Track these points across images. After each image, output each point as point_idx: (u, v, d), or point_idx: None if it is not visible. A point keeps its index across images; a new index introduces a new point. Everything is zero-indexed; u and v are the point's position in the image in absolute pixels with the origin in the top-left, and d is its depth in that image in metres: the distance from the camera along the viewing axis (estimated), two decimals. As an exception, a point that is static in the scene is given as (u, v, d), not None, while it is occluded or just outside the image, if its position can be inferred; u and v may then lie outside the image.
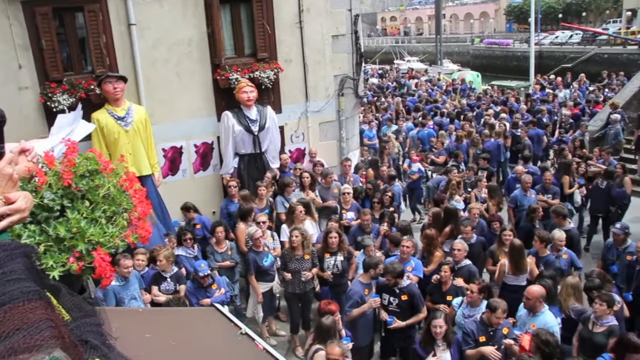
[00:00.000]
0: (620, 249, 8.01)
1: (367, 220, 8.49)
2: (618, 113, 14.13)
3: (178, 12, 9.55)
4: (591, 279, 6.84)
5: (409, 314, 6.63)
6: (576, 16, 69.23)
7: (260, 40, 10.23)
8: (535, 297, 6.05)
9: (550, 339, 5.33)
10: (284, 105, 10.89)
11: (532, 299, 6.06)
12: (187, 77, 9.86)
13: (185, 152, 10.18)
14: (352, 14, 11.27)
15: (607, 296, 6.15)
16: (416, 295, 6.66)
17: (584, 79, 23.28)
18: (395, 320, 6.56)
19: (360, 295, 6.57)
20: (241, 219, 8.59)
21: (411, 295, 6.60)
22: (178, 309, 5.72)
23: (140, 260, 7.21)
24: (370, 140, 15.08)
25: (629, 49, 41.33)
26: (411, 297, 6.59)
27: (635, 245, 7.75)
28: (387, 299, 6.64)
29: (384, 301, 6.66)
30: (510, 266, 7.33)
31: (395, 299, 6.59)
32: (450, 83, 27.21)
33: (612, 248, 8.16)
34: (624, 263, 7.81)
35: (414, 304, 6.62)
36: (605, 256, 8.26)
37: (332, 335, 5.56)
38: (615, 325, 6.02)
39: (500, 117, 16.66)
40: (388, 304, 6.64)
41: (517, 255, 7.33)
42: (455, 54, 60.39)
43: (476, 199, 10.08)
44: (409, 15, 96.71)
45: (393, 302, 6.61)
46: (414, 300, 6.62)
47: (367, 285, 6.72)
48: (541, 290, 6.17)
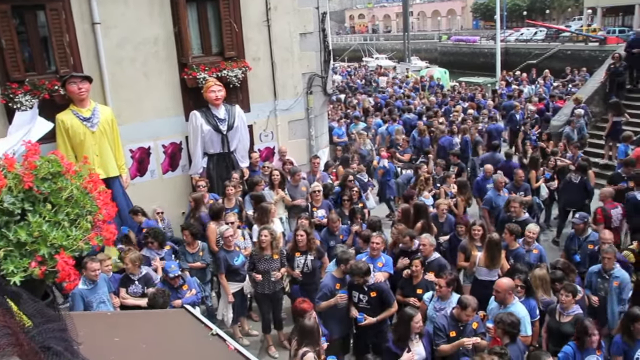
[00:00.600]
0: (581, 239, 8.19)
1: (336, 227, 8.44)
2: (582, 108, 14.41)
3: (144, 10, 9.42)
4: (553, 271, 7.01)
5: (379, 309, 6.66)
6: (540, 13, 70.54)
7: (227, 39, 10.16)
8: (505, 290, 6.14)
9: (512, 319, 5.50)
10: (253, 104, 10.84)
11: (502, 292, 6.14)
12: (154, 76, 9.74)
13: (153, 152, 10.06)
14: (319, 11, 11.27)
15: (571, 287, 6.32)
16: (385, 291, 6.70)
17: (549, 75, 23.71)
18: (366, 317, 6.58)
19: (330, 289, 6.61)
20: (212, 219, 8.53)
21: (380, 291, 6.63)
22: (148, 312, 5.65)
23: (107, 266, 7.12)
24: (340, 138, 15.11)
25: (590, 46, 42.44)
26: (380, 292, 6.62)
27: (596, 235, 7.95)
28: (357, 296, 6.66)
29: (354, 299, 6.68)
30: (486, 259, 7.39)
31: (364, 296, 6.62)
32: (419, 80, 27.41)
33: (574, 238, 8.33)
34: (585, 252, 8.00)
35: (383, 299, 6.66)
36: (568, 246, 8.43)
37: (315, 335, 5.55)
38: (580, 314, 6.19)
39: (467, 113, 16.87)
40: (358, 301, 6.66)
41: (494, 249, 7.40)
42: (423, 51, 60.98)
43: (445, 194, 10.18)
44: (377, 13, 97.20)
45: (363, 299, 6.63)
46: (384, 296, 6.66)
47: (340, 280, 6.75)
48: (510, 282, 6.26)
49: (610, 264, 6.95)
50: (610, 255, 6.93)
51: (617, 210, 9.15)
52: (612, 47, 32.83)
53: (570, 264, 7.46)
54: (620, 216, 9.20)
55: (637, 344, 5.63)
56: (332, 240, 8.43)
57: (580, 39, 45.80)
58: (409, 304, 6.86)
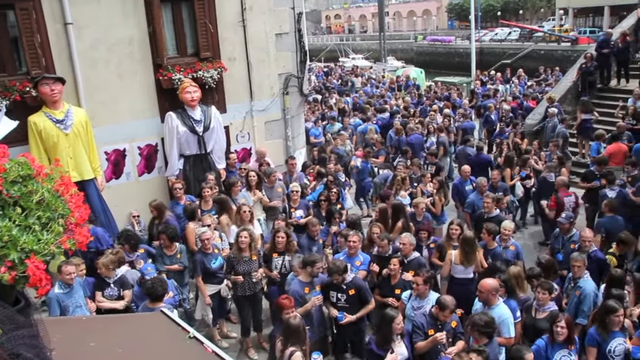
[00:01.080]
0: (565, 238, 8.31)
1: (316, 232, 8.25)
2: (555, 107, 14.63)
3: (117, 10, 9.31)
4: (532, 268, 7.10)
5: (358, 307, 6.68)
6: (514, 14, 71.44)
7: (202, 39, 10.09)
8: (488, 290, 6.14)
9: (485, 319, 5.49)
10: (229, 104, 10.79)
11: (485, 292, 6.15)
12: (129, 77, 9.64)
13: (128, 154, 9.96)
14: (295, 12, 11.27)
15: (547, 284, 6.41)
16: (363, 288, 6.72)
17: (523, 74, 24.01)
18: (346, 315, 6.59)
19: (299, 294, 6.56)
20: (189, 219, 8.47)
21: (358, 288, 6.65)
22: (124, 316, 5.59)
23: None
24: (316, 139, 15.11)
25: (563, 46, 43.18)
26: (358, 290, 6.64)
27: (578, 234, 8.07)
28: (335, 295, 6.66)
29: (332, 298, 6.68)
30: (460, 257, 7.44)
31: (343, 295, 6.62)
32: (394, 80, 27.54)
33: (558, 237, 8.45)
34: (567, 251, 8.09)
35: (361, 296, 6.67)
36: (553, 245, 8.56)
37: (301, 334, 5.54)
38: (555, 310, 6.25)
39: (443, 112, 17.00)
40: (336, 300, 6.66)
41: (469, 246, 7.46)
42: (399, 51, 61.29)
43: (422, 193, 10.25)
44: (353, 13, 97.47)
45: (341, 298, 6.63)
46: (362, 293, 6.67)
47: (307, 283, 6.69)
48: (494, 283, 6.27)
49: (579, 272, 6.79)
50: (580, 263, 6.77)
51: (570, 198, 9.81)
52: (583, 47, 33.37)
53: (554, 262, 7.55)
54: (573, 204, 9.82)
55: (611, 335, 5.72)
56: (314, 246, 8.21)
57: (553, 39, 46.60)
58: (387, 304, 6.87)
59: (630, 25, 16.88)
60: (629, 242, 7.73)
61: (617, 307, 5.75)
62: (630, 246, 7.83)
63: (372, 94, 23.61)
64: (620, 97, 14.93)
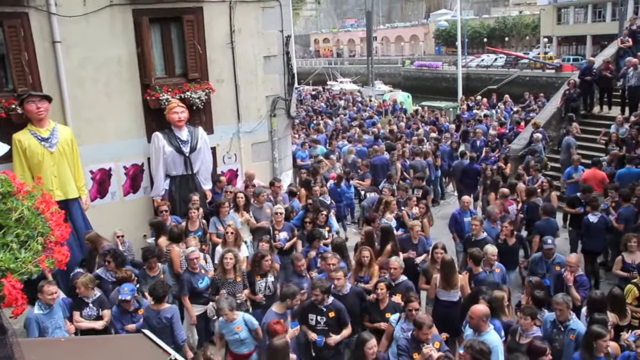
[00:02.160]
0: (549, 262, 8.33)
1: (301, 266, 7.88)
2: (540, 132, 14.79)
3: (106, 30, 9.34)
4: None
5: (337, 330, 6.62)
6: (500, 41, 72.55)
7: (191, 60, 10.13)
8: (478, 317, 6.08)
9: (483, 347, 5.44)
10: (216, 125, 10.80)
11: (475, 318, 6.09)
12: (116, 97, 9.63)
13: (114, 174, 9.91)
14: (283, 35, 11.35)
15: (529, 309, 6.39)
16: (342, 310, 6.66)
17: (509, 100, 24.30)
18: (325, 338, 6.52)
19: None
20: (175, 241, 8.41)
21: (337, 310, 6.61)
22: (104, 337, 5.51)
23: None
24: (303, 161, 15.15)
25: (547, 73, 44.01)
26: (338, 312, 6.60)
27: (562, 257, 8.11)
28: (315, 318, 6.59)
29: (311, 321, 6.61)
30: (441, 281, 7.46)
31: (322, 317, 6.57)
32: (382, 104, 27.75)
33: (540, 262, 8.44)
34: (554, 274, 8.12)
35: (341, 319, 6.63)
36: (534, 270, 8.50)
37: (285, 356, 5.48)
38: (539, 336, 6.23)
39: (430, 136, 17.11)
40: (316, 323, 6.59)
41: (448, 270, 7.47)
42: (387, 75, 61.92)
43: (408, 216, 10.25)
44: (341, 37, 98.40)
45: (321, 321, 6.57)
46: (341, 316, 6.62)
47: (281, 315, 6.56)
48: (485, 309, 6.22)
49: (563, 315, 6.41)
50: (563, 307, 6.36)
51: (513, 207, 10.73)
52: (567, 74, 34.04)
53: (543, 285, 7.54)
54: (516, 211, 10.72)
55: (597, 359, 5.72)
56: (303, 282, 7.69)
57: (537, 66, 47.42)
58: (378, 329, 6.81)
59: (612, 54, 17.18)
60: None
61: (605, 332, 5.74)
62: None
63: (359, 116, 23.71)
64: (602, 124, 15.13)
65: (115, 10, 9.39)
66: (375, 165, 14.12)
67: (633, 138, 12.79)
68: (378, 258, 8.40)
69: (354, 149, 15.62)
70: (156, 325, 6.64)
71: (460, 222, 10.32)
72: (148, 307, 6.81)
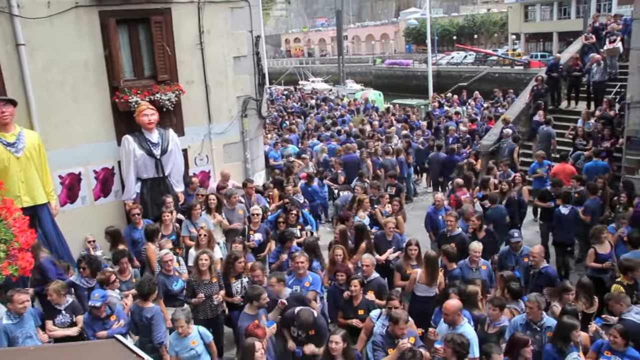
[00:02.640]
0: (517, 255, 8.45)
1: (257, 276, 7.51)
2: (509, 128, 15.01)
3: (71, 32, 9.21)
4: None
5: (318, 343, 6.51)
6: (469, 38, 73.41)
7: (160, 62, 10.06)
8: (453, 312, 6.14)
9: (463, 340, 5.53)
10: (187, 127, 10.73)
11: (451, 314, 6.16)
12: (84, 100, 9.51)
13: (84, 178, 9.79)
14: (253, 35, 11.33)
15: (498, 301, 6.53)
16: (323, 328, 6.59)
17: (479, 97, 24.59)
18: (304, 350, 6.48)
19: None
20: (149, 240, 8.39)
21: (317, 328, 6.50)
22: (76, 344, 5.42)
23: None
24: (276, 161, 15.13)
25: (516, 69, 44.73)
26: (318, 330, 6.50)
27: (529, 249, 8.24)
28: (296, 331, 6.54)
29: (293, 333, 6.55)
30: (426, 276, 7.50)
31: (303, 332, 6.47)
32: (353, 102, 27.84)
33: (509, 255, 8.55)
34: (522, 266, 8.23)
35: (321, 335, 6.51)
36: (503, 264, 8.60)
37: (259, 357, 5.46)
38: (505, 326, 6.36)
39: (402, 134, 17.22)
40: (297, 335, 6.54)
41: (433, 265, 7.52)
42: (358, 74, 62.08)
43: (381, 214, 10.30)
44: (312, 37, 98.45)
45: (302, 334, 6.50)
46: (321, 332, 6.52)
47: (254, 316, 6.55)
48: (458, 304, 6.29)
49: (536, 315, 6.31)
50: (534, 306, 6.27)
51: (465, 196, 10.98)
52: (535, 70, 34.59)
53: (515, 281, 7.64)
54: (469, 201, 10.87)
55: (569, 349, 5.82)
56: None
57: (506, 63, 48.13)
58: (351, 325, 6.82)
59: (577, 51, 17.53)
60: (634, 267, 7.43)
61: (576, 323, 5.90)
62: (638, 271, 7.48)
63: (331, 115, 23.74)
64: (570, 119, 15.43)
65: (81, 12, 9.26)
66: (346, 163, 14.17)
67: (599, 132, 13.06)
68: (353, 256, 8.43)
69: (326, 148, 15.65)
70: (139, 322, 6.72)
71: (435, 220, 10.37)
72: (135, 303, 6.87)
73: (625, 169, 11.56)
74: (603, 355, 5.93)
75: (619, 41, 15.26)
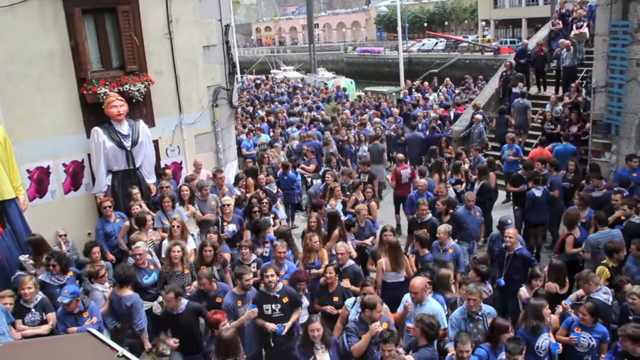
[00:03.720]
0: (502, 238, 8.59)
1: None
2: (480, 113, 15.19)
3: (35, 22, 9.00)
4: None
5: (291, 313, 6.76)
6: (439, 25, 73.86)
7: (128, 52, 9.90)
8: (421, 288, 6.37)
9: (432, 321, 5.65)
10: (157, 118, 10.61)
11: (419, 291, 6.35)
12: (51, 92, 9.32)
13: (53, 172, 9.61)
14: (222, 23, 11.23)
15: (470, 282, 6.68)
16: (293, 293, 6.79)
17: (450, 83, 24.80)
18: (285, 325, 6.58)
19: (232, 307, 6.56)
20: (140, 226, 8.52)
21: (289, 294, 6.71)
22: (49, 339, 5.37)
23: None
24: (248, 150, 15.09)
25: (486, 56, 45.22)
26: (290, 296, 6.70)
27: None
28: (270, 307, 6.62)
29: (266, 311, 6.61)
30: (390, 262, 7.60)
31: (277, 305, 6.61)
32: (325, 90, 27.80)
33: (497, 240, 8.67)
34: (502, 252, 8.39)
35: (293, 302, 6.73)
36: (491, 247, 8.78)
37: (235, 347, 5.49)
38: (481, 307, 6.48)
39: (374, 121, 17.29)
40: (272, 312, 6.62)
41: (395, 251, 7.63)
42: (330, 62, 62.08)
43: (356, 201, 10.35)
44: (283, 25, 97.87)
45: (275, 308, 6.61)
46: (294, 298, 6.74)
47: (240, 297, 6.69)
48: (423, 279, 6.53)
49: (476, 305, 6.28)
50: (476, 297, 6.22)
51: (406, 171, 12.05)
52: (504, 56, 34.99)
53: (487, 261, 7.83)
54: (409, 175, 11.97)
55: (540, 332, 5.98)
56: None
57: (476, 49, 48.60)
58: (326, 312, 6.91)
59: (545, 37, 17.77)
60: (619, 248, 7.53)
61: (545, 302, 6.08)
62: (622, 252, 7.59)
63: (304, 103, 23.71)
64: (539, 104, 15.67)
65: (45, 1, 9.05)
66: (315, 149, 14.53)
67: (567, 117, 13.30)
68: (326, 244, 8.49)
69: (296, 135, 15.65)
70: (118, 310, 6.76)
71: (416, 204, 10.50)
72: (114, 292, 6.91)
73: (592, 152, 11.81)
74: (573, 331, 6.17)
75: (585, 27, 15.48)
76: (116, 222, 9.15)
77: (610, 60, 10.95)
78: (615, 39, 10.79)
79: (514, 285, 7.51)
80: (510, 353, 5.28)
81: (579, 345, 6.11)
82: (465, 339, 5.48)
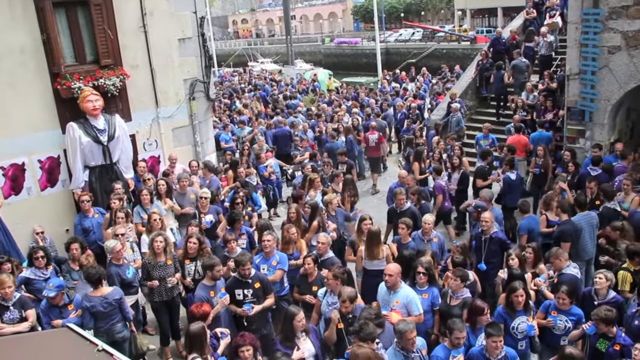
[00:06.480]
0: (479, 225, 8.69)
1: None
2: (457, 102, 15.31)
3: (4, 16, 8.85)
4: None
5: (264, 299, 6.87)
6: (416, 15, 73.98)
7: (102, 46, 9.79)
8: (396, 273, 6.42)
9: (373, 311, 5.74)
10: (134, 112, 10.53)
11: (395, 275, 6.40)
12: (23, 87, 9.18)
13: (28, 168, 9.48)
14: (197, 16, 11.16)
15: (460, 272, 6.70)
16: (265, 280, 6.93)
17: (426, 73, 24.93)
18: (253, 305, 6.66)
19: (205, 298, 6.61)
20: None
21: (261, 280, 6.84)
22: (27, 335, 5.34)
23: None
24: (227, 144, 15.05)
25: (462, 45, 45.45)
26: (262, 282, 6.83)
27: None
28: (242, 292, 6.74)
29: (238, 297, 6.74)
30: (368, 251, 7.67)
31: (249, 290, 6.74)
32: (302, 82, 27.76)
33: (476, 224, 8.74)
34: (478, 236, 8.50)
35: (265, 289, 6.87)
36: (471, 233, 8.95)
37: (200, 343, 5.49)
38: (468, 298, 6.55)
39: (352, 112, 17.35)
40: (244, 297, 6.74)
41: (373, 241, 7.66)
42: (308, 53, 61.83)
43: (334, 192, 10.39)
44: (260, 17, 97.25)
45: (248, 293, 6.74)
46: (265, 285, 6.87)
47: (212, 287, 6.78)
48: (398, 266, 6.58)
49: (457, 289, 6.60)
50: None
51: (373, 136, 14.12)
52: (481, 45, 35.15)
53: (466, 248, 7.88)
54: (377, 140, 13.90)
55: (516, 314, 6.15)
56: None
57: (453, 39, 48.86)
58: (305, 301, 7.01)
59: (519, 25, 17.93)
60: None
61: (518, 287, 6.19)
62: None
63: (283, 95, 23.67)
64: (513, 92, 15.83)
65: (14, -5, 8.91)
66: (277, 136, 15.12)
67: (542, 104, 13.46)
68: (306, 235, 8.53)
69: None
70: (103, 310, 6.59)
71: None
72: (88, 296, 6.62)
73: (567, 138, 11.98)
74: (550, 314, 6.33)
75: (557, 15, 15.63)
76: (94, 218, 9.08)
77: (582, 48, 11.08)
78: (587, 26, 10.91)
79: (492, 269, 7.70)
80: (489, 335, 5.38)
81: (555, 328, 6.27)
82: (461, 327, 5.55)
